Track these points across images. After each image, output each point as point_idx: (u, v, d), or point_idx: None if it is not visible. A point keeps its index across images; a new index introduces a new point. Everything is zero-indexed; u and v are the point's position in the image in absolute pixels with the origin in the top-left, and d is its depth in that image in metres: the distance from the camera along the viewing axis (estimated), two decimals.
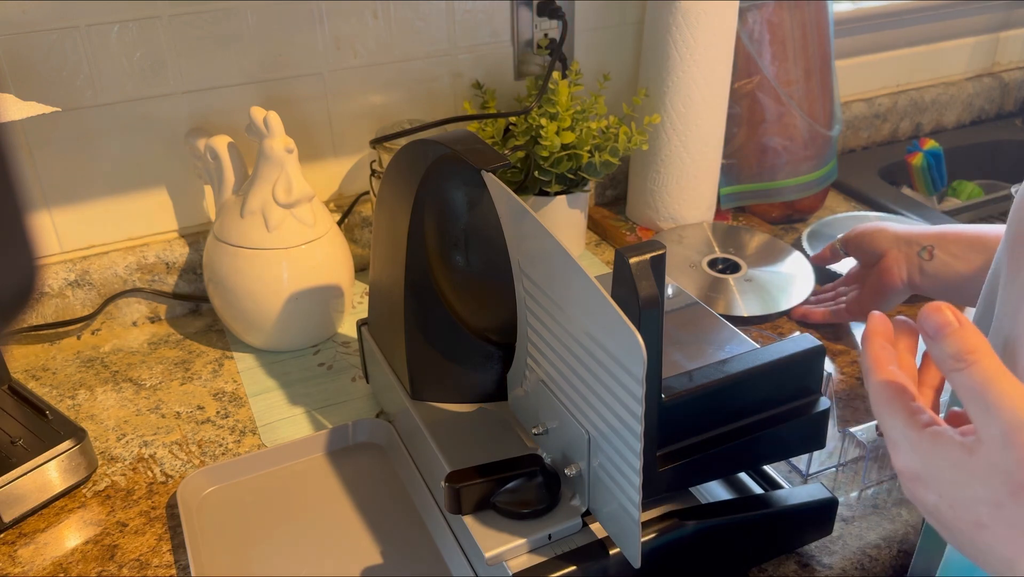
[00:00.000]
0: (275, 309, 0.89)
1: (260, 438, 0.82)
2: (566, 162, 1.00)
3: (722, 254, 1.04)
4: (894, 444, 0.41)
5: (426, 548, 0.68)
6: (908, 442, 0.40)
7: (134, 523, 0.73)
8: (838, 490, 0.74)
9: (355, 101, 1.03)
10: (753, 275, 1.01)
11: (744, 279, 1.00)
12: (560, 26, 1.06)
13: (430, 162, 0.65)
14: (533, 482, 0.61)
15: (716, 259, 1.04)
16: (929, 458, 0.39)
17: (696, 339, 0.69)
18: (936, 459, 0.38)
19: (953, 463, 0.38)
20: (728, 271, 1.02)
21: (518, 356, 0.66)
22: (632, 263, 0.51)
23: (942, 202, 1.39)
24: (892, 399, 0.41)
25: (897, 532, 0.70)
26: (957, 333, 0.38)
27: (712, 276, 1.01)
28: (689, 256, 1.04)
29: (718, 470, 0.64)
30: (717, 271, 1.02)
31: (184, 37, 0.92)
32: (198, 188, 1.00)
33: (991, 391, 0.36)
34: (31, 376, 0.92)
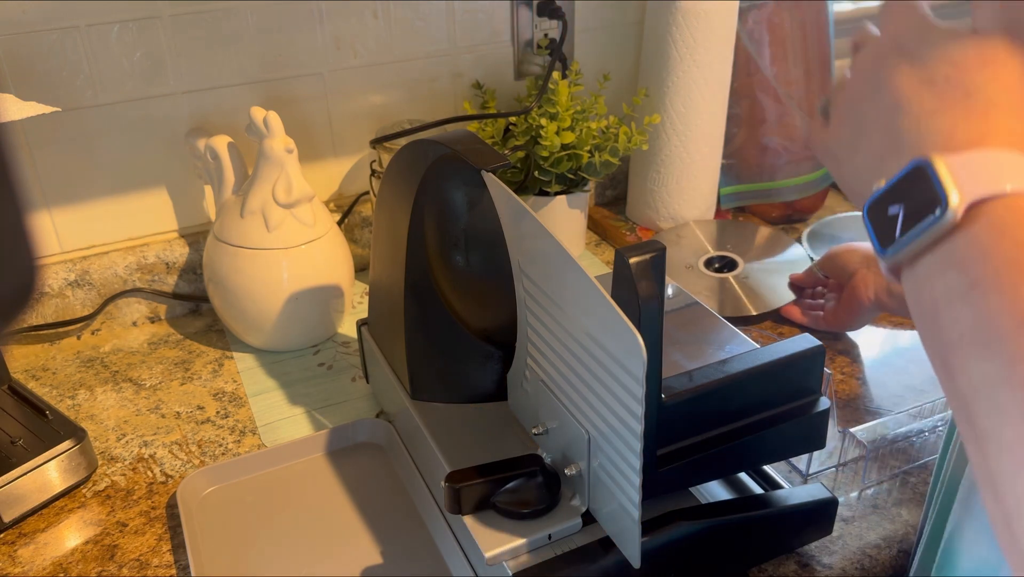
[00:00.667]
0: (275, 309, 0.89)
1: (260, 438, 0.82)
2: (566, 162, 1.00)
3: (717, 252, 1.04)
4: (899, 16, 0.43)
5: (426, 548, 0.68)
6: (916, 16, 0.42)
7: (134, 523, 0.73)
8: (838, 490, 0.74)
9: (355, 101, 1.03)
10: (750, 271, 1.01)
11: (742, 276, 1.00)
12: (560, 26, 1.06)
13: (430, 162, 0.65)
14: (533, 482, 0.61)
15: (712, 258, 1.04)
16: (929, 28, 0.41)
17: (696, 339, 0.69)
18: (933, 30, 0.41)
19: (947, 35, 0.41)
20: (725, 269, 1.02)
21: (518, 356, 0.66)
22: (632, 263, 0.51)
23: None
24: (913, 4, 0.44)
25: (897, 532, 0.70)
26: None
27: (709, 276, 1.01)
28: (684, 257, 1.04)
29: (718, 470, 0.64)
30: (714, 270, 1.02)
31: (184, 37, 0.92)
32: (198, 188, 1.00)
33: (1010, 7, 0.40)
34: (31, 376, 0.92)
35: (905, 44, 0.41)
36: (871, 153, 0.41)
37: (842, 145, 0.43)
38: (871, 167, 0.41)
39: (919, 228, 0.35)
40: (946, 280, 0.35)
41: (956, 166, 0.35)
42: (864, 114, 0.42)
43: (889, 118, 0.40)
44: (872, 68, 0.42)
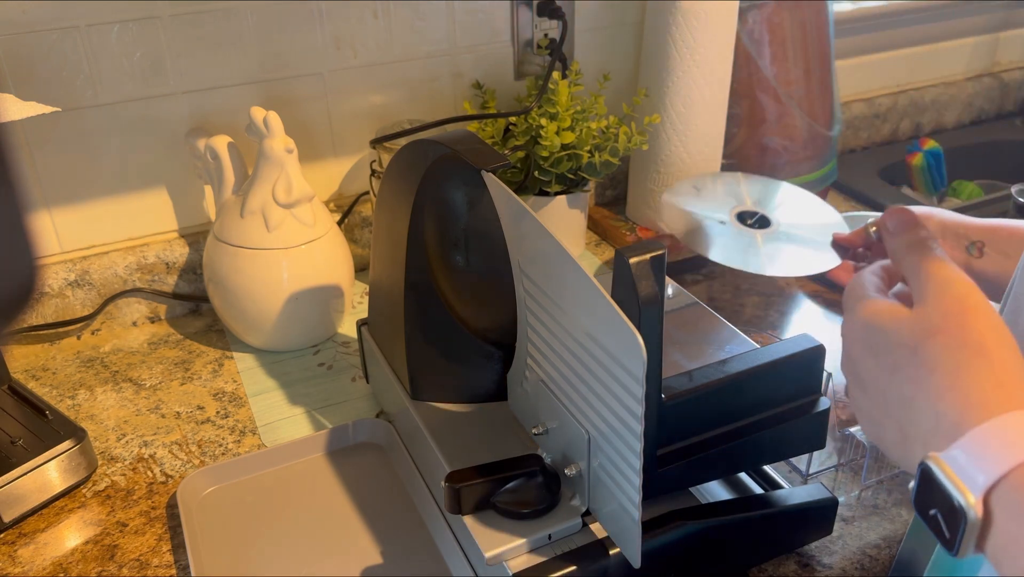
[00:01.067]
0: (275, 309, 0.89)
1: (260, 438, 0.82)
2: (566, 162, 1.00)
3: (752, 207, 0.93)
4: (848, 311, 0.47)
5: (426, 548, 0.68)
6: (859, 305, 0.46)
7: (134, 523, 0.73)
8: (838, 490, 0.74)
9: (355, 101, 1.03)
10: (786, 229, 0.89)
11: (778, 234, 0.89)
12: (560, 26, 1.06)
13: (430, 162, 0.65)
14: (533, 482, 0.61)
15: (744, 212, 0.92)
16: (873, 316, 0.45)
17: (696, 339, 0.69)
18: (878, 315, 0.44)
19: (890, 319, 0.44)
20: (757, 226, 0.91)
21: (518, 356, 0.66)
22: (632, 263, 0.51)
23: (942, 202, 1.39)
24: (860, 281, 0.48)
25: (897, 532, 0.70)
26: (913, 227, 0.47)
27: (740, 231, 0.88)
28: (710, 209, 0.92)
29: (718, 470, 0.64)
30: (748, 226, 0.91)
31: (184, 37, 0.92)
32: (198, 188, 1.00)
33: (932, 260, 0.44)
34: (31, 376, 0.92)
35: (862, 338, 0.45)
36: (892, 441, 0.43)
37: (873, 436, 0.46)
38: (900, 455, 0.43)
39: (960, 532, 0.37)
40: (1007, 569, 0.36)
41: (952, 462, 0.37)
42: (869, 410, 0.45)
43: (885, 410, 0.43)
44: (850, 369, 0.46)
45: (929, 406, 0.40)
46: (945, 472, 0.37)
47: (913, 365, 0.41)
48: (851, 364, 0.46)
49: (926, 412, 0.40)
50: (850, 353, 0.46)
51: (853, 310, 0.46)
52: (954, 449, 0.37)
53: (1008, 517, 0.35)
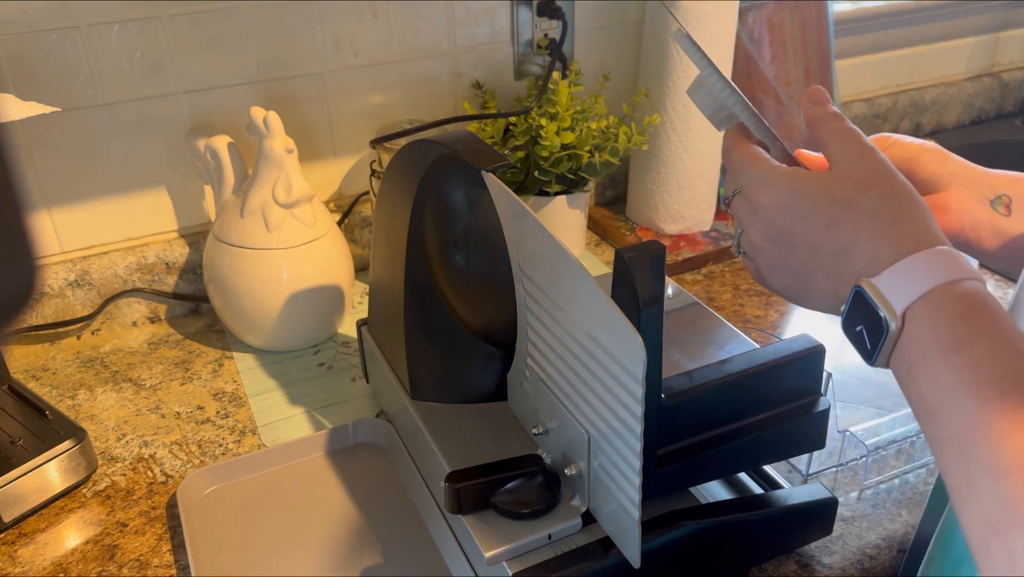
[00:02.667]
0: (275, 309, 0.89)
1: (260, 438, 0.82)
2: (566, 162, 1.00)
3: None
4: (758, 182, 0.50)
5: (426, 548, 0.68)
6: (772, 177, 0.49)
7: (134, 523, 0.73)
8: (838, 490, 0.74)
9: (355, 101, 1.03)
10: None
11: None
12: (560, 26, 1.06)
13: (430, 162, 0.65)
14: (533, 482, 0.61)
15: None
16: (792, 184, 0.48)
17: (696, 339, 0.69)
18: (799, 183, 0.48)
19: (814, 182, 0.47)
20: None
21: (518, 356, 0.66)
22: (632, 263, 0.51)
23: None
24: (750, 153, 0.51)
25: (897, 532, 0.70)
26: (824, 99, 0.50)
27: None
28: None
29: (718, 470, 0.64)
30: None
31: (184, 37, 0.92)
32: (198, 188, 1.00)
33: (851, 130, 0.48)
34: (31, 376, 0.92)
35: (788, 205, 0.48)
36: (821, 291, 0.48)
37: (796, 292, 0.50)
38: (827, 300, 0.48)
39: (881, 342, 0.43)
40: (900, 370, 0.43)
41: (882, 284, 0.43)
42: (795, 269, 0.49)
43: (817, 264, 0.47)
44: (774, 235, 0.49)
45: (868, 247, 0.45)
46: (874, 293, 0.43)
47: (851, 215, 0.45)
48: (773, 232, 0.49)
49: (864, 253, 0.45)
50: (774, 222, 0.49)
51: (761, 184, 0.49)
52: (885, 274, 0.43)
53: (917, 327, 0.42)
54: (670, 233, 1.13)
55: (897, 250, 0.44)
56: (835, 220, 0.46)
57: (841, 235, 0.46)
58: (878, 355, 0.44)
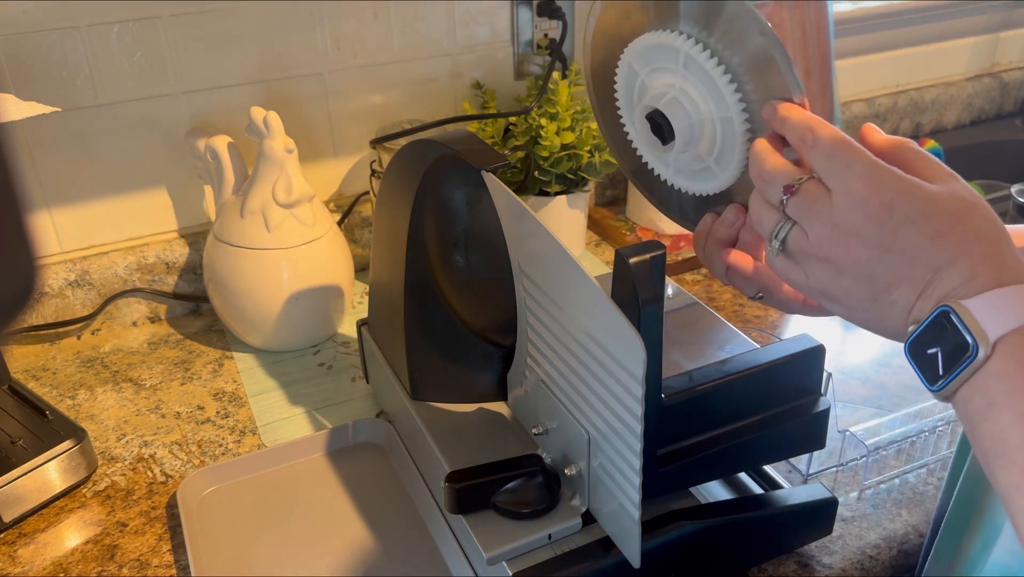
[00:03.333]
0: (275, 309, 0.89)
1: (260, 438, 0.82)
2: (566, 162, 1.00)
3: None
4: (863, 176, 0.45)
5: (426, 548, 0.68)
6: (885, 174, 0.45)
7: (134, 523, 0.73)
8: (838, 490, 0.74)
9: (355, 101, 1.03)
10: None
11: None
12: (560, 26, 1.06)
13: (430, 162, 0.65)
14: (533, 482, 0.61)
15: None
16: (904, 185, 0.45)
17: (696, 339, 0.69)
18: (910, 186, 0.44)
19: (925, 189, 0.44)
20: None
21: (518, 356, 0.66)
22: (632, 263, 0.51)
23: None
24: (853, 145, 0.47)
25: (897, 532, 0.70)
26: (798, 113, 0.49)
27: None
28: None
29: (718, 470, 0.64)
30: None
31: (184, 37, 0.92)
32: (198, 188, 1.00)
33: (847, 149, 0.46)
34: (31, 376, 0.92)
35: (894, 204, 0.44)
36: (894, 304, 0.45)
37: (860, 299, 0.46)
38: (895, 315, 0.45)
39: (959, 368, 0.41)
40: (975, 403, 0.41)
41: (976, 309, 0.41)
42: (876, 275, 0.45)
43: (905, 274, 0.44)
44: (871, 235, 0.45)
45: (967, 268, 0.42)
46: (965, 315, 0.41)
47: (959, 232, 0.43)
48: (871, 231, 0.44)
49: (961, 274, 0.42)
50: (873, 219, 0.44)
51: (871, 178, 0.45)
52: (981, 298, 0.41)
53: (1006, 359, 0.40)
54: (670, 233, 1.13)
55: (998, 277, 0.42)
56: (942, 232, 0.43)
57: (943, 250, 0.43)
58: (950, 382, 0.41)
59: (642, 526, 0.54)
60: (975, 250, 0.43)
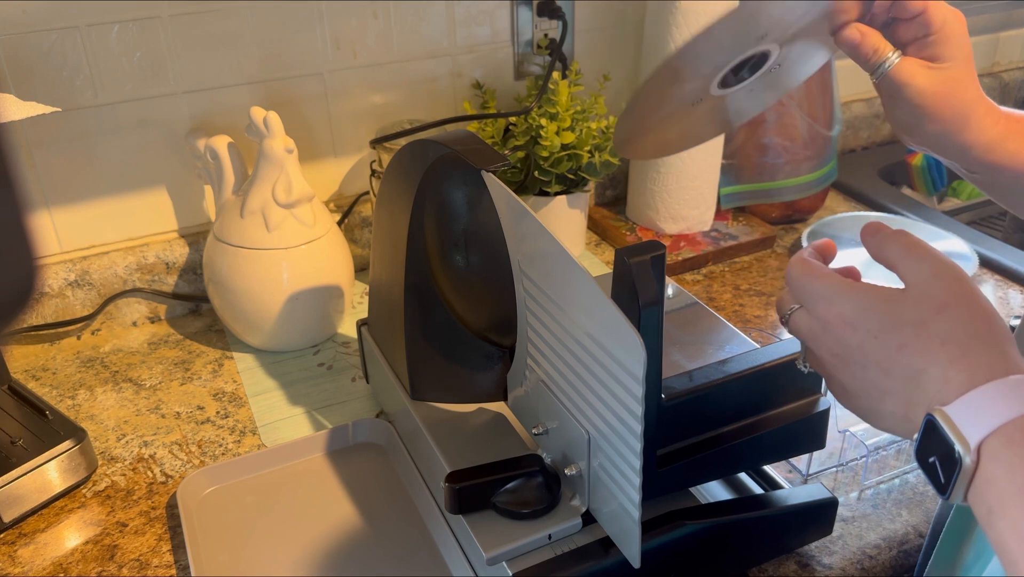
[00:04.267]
0: (275, 309, 0.89)
1: (260, 438, 0.82)
2: (566, 162, 1.00)
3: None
4: (825, 297, 0.47)
5: (426, 548, 0.68)
6: (840, 292, 0.47)
7: (134, 523, 0.73)
8: (838, 490, 0.74)
9: (355, 101, 1.03)
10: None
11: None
12: (560, 26, 1.06)
13: (430, 162, 0.65)
14: (533, 482, 0.61)
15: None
16: (862, 300, 0.46)
17: (696, 339, 0.69)
18: (868, 300, 0.46)
19: (885, 300, 0.45)
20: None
21: (518, 356, 0.66)
22: (632, 263, 0.51)
23: (942, 202, 1.40)
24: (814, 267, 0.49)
25: (897, 532, 0.70)
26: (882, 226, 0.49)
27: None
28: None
29: (718, 470, 0.64)
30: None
31: (184, 37, 0.92)
32: (198, 188, 1.00)
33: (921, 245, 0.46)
34: (31, 376, 0.92)
35: (857, 322, 0.45)
36: (892, 414, 0.45)
37: (866, 411, 0.48)
38: (899, 423, 0.45)
39: (954, 477, 0.40)
40: (979, 510, 0.40)
41: (955, 415, 0.40)
42: (865, 389, 0.46)
43: (887, 386, 0.45)
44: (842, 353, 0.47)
45: (939, 373, 0.42)
46: (947, 423, 0.40)
47: (922, 339, 0.43)
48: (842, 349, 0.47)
49: (935, 380, 0.42)
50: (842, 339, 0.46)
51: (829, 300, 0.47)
52: (957, 404, 0.40)
53: (993, 464, 0.39)
54: (670, 233, 1.13)
55: (970, 379, 0.41)
56: (906, 344, 0.43)
57: (912, 359, 0.43)
58: (953, 490, 0.41)
59: (642, 526, 0.54)
60: (941, 355, 0.42)
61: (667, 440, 0.59)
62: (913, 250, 0.46)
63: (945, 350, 0.42)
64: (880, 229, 0.48)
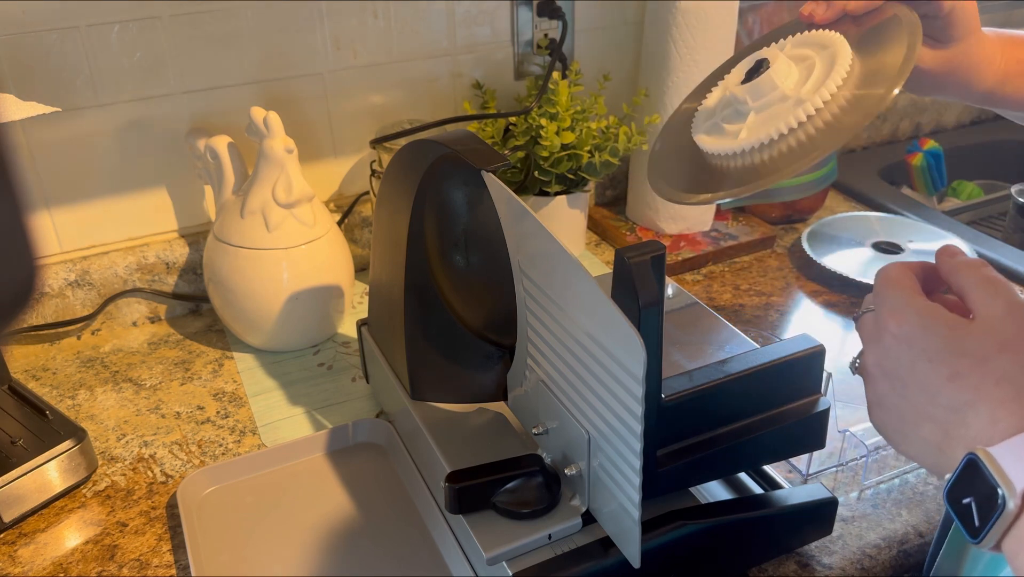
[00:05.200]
0: (275, 309, 0.89)
1: (260, 438, 0.82)
2: (566, 162, 1.00)
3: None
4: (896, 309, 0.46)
5: (426, 548, 0.68)
6: (911, 307, 0.45)
7: (134, 523, 0.73)
8: (838, 490, 0.74)
9: (355, 101, 1.03)
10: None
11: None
12: (560, 26, 1.06)
13: (430, 162, 0.65)
14: (533, 482, 0.61)
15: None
16: (928, 321, 0.44)
17: (696, 339, 0.69)
18: (934, 322, 0.44)
19: (950, 326, 0.44)
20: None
21: (518, 356, 0.66)
22: (632, 263, 0.51)
23: (942, 202, 1.40)
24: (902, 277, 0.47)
25: (897, 532, 0.70)
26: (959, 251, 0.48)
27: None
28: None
29: (718, 470, 0.64)
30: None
31: (184, 37, 0.92)
32: (198, 188, 1.00)
33: (998, 279, 0.45)
34: (31, 376, 0.92)
35: (915, 340, 0.44)
36: (925, 441, 0.44)
37: (894, 431, 0.46)
38: (929, 452, 0.44)
39: (992, 520, 0.39)
40: (1018, 561, 0.38)
41: (1000, 457, 0.39)
42: (903, 409, 0.45)
43: (929, 412, 0.43)
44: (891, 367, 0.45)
45: (988, 412, 0.41)
46: (991, 464, 0.39)
47: (977, 374, 0.42)
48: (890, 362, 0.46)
49: (982, 417, 0.41)
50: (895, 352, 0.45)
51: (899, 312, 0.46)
52: (1004, 446, 0.39)
53: None
54: (670, 233, 1.13)
55: (1019, 423, 0.40)
56: (960, 373, 0.42)
57: (962, 391, 0.42)
58: (988, 534, 0.39)
59: (642, 526, 0.54)
60: (995, 393, 0.41)
61: (667, 440, 0.59)
62: (991, 284, 0.45)
63: (999, 389, 0.41)
64: (957, 253, 0.48)
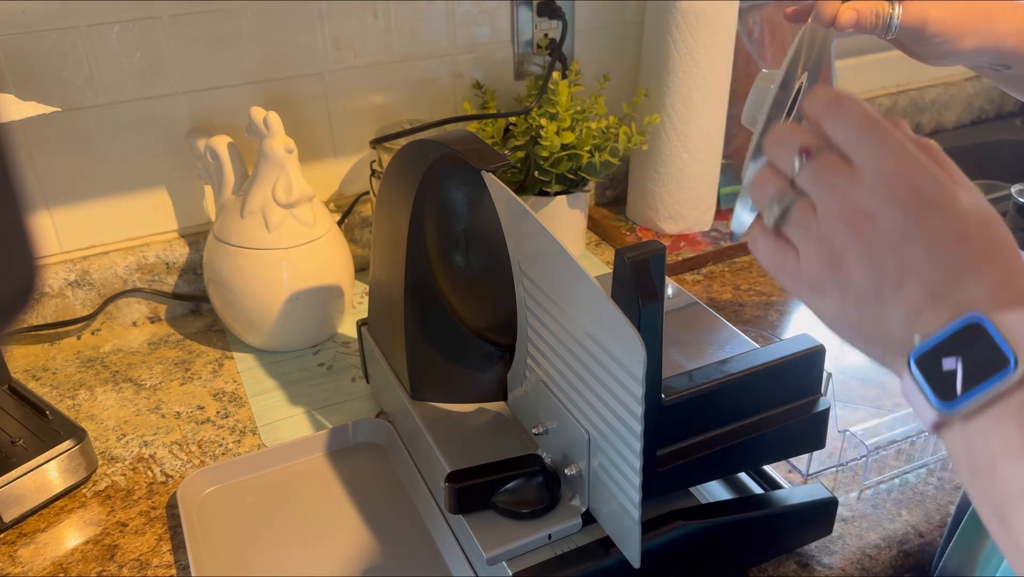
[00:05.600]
0: (275, 309, 0.89)
1: (260, 438, 0.82)
2: (566, 162, 1.00)
3: None
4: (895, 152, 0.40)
5: (426, 548, 0.68)
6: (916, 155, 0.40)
7: (134, 523, 0.73)
8: (838, 490, 0.74)
9: (355, 101, 1.03)
10: None
11: None
12: (560, 26, 1.06)
13: (430, 162, 0.65)
14: (533, 482, 0.61)
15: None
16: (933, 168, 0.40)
17: (696, 339, 0.69)
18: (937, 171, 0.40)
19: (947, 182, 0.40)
20: None
21: (518, 356, 0.66)
22: (632, 263, 0.51)
23: None
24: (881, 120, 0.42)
25: (897, 532, 0.70)
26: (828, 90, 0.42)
27: None
28: None
29: (718, 470, 0.64)
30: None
31: (184, 37, 0.92)
32: (198, 188, 1.00)
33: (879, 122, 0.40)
34: (31, 376, 0.92)
35: (926, 193, 0.39)
36: (905, 305, 0.39)
37: (859, 294, 0.40)
38: (904, 318, 0.39)
39: (986, 386, 0.35)
40: (1005, 433, 0.35)
41: (1016, 323, 0.35)
42: (889, 265, 0.39)
43: (924, 269, 0.38)
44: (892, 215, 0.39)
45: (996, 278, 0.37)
46: (1001, 327, 0.35)
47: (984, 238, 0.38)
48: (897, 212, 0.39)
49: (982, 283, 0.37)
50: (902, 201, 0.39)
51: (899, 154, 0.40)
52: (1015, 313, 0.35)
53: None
54: (670, 233, 1.13)
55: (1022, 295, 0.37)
56: (968, 235, 0.38)
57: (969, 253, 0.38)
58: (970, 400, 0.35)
59: (642, 526, 0.54)
60: (1000, 261, 0.38)
61: (667, 440, 0.59)
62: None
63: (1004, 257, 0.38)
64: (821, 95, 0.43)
